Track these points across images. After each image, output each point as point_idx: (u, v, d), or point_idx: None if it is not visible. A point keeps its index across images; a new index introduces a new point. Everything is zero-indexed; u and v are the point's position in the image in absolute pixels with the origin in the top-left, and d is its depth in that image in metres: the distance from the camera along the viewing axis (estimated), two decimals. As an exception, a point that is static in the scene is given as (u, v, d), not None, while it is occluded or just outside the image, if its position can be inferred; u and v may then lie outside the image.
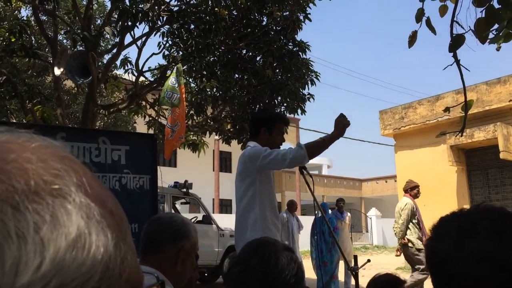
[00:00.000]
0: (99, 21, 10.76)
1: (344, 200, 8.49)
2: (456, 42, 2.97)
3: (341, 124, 2.72)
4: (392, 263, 11.70)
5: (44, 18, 9.63)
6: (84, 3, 9.51)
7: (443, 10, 3.39)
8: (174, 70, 5.37)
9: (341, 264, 7.46)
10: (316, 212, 7.95)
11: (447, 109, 3.49)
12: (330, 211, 8.21)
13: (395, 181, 20.14)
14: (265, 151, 2.66)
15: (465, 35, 2.94)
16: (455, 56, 3.04)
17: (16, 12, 10.43)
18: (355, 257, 3.11)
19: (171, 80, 5.21)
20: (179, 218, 1.64)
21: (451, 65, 3.11)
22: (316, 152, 2.70)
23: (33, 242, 0.27)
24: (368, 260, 2.78)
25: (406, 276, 5.77)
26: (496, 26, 2.88)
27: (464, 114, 3.28)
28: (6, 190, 0.28)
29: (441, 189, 10.59)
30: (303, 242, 9.96)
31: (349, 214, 8.59)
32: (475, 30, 2.87)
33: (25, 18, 9.27)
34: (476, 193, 10.64)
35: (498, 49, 3.28)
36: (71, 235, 0.29)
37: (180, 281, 1.53)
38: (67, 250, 0.28)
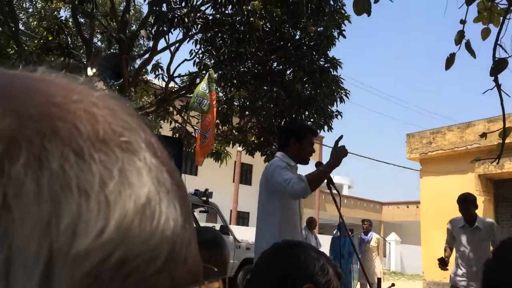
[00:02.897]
0: (134, 26, 10.98)
1: (370, 221, 8.29)
2: (498, 66, 2.89)
3: (339, 154, 2.67)
4: (410, 291, 11.39)
5: (82, 20, 9.88)
6: (122, 8, 9.73)
7: (485, 33, 3.31)
8: (206, 76, 5.38)
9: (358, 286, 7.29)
10: (335, 231, 7.80)
11: (484, 135, 3.39)
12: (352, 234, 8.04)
13: (417, 207, 19.74)
14: (278, 173, 2.62)
15: (509, 59, 2.86)
16: (496, 80, 2.95)
17: (56, 12, 10.75)
18: (379, 280, 3.01)
19: (202, 86, 5.22)
20: (218, 232, 1.69)
21: (491, 89, 3.02)
22: (317, 184, 2.64)
23: (97, 199, 0.22)
24: (393, 284, 2.69)
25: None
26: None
27: (501, 140, 3.17)
28: (69, 131, 0.22)
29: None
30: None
31: (378, 236, 8.33)
32: (518, 55, 2.78)
33: (63, 18, 9.52)
34: (503, 225, 10.28)
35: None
36: (140, 199, 0.23)
37: None
38: (135, 216, 0.22)
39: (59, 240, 0.20)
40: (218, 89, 8.46)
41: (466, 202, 4.53)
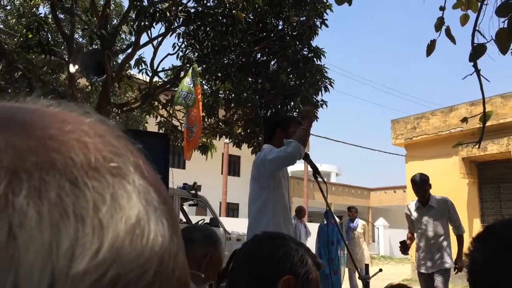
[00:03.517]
0: (115, 21, 10.84)
1: (356, 208, 8.39)
2: (477, 51, 2.93)
3: (306, 112, 2.89)
4: (399, 274, 11.58)
5: (62, 16, 9.72)
6: (102, 2, 9.60)
7: (464, 19, 3.36)
8: (190, 71, 5.36)
9: (346, 271, 7.40)
10: (323, 219, 7.89)
11: (465, 119, 3.44)
12: (340, 221, 8.13)
13: (404, 191, 19.96)
14: (270, 151, 2.73)
15: (487, 45, 2.90)
16: (475, 66, 3.00)
17: (34, 9, 10.56)
18: (366, 266, 3.07)
19: (186, 81, 5.20)
20: (214, 230, 1.73)
21: (471, 74, 3.07)
22: (304, 141, 2.80)
23: (92, 224, 0.24)
24: (380, 270, 2.75)
25: (416, 287, 5.52)
26: (518, 36, 2.83)
27: (482, 125, 3.23)
28: (64, 162, 0.24)
29: (452, 201, 10.45)
30: (311, 249, 9.89)
31: (363, 222, 8.44)
32: (496, 40, 2.83)
33: (42, 15, 9.36)
34: (487, 206, 10.50)
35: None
36: (131, 220, 0.25)
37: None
38: (126, 236, 0.25)
39: (59, 264, 0.22)
40: (203, 82, 8.42)
41: (423, 183, 4.63)
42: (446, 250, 4.53)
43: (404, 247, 4.68)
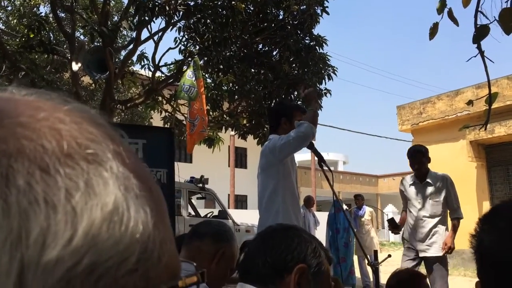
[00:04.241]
0: (116, 17, 10.82)
1: (362, 196, 8.40)
2: (480, 33, 2.89)
3: (310, 95, 2.91)
4: (410, 260, 11.57)
5: (62, 15, 9.72)
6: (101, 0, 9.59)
7: (466, 1, 3.31)
8: (191, 64, 5.35)
9: (355, 259, 7.41)
10: (331, 208, 7.90)
11: (470, 102, 3.41)
12: (348, 209, 8.14)
13: (412, 177, 19.91)
14: (279, 138, 2.73)
15: (490, 26, 2.86)
16: (479, 47, 2.96)
17: (35, 9, 10.56)
18: (375, 252, 3.06)
19: (188, 74, 5.19)
20: (228, 226, 1.72)
21: (475, 56, 3.03)
22: (315, 121, 2.80)
23: (64, 211, 0.23)
24: (389, 255, 2.74)
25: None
26: (522, 16, 2.79)
27: (488, 107, 3.20)
28: (34, 149, 0.24)
29: (460, 185, 10.32)
30: (319, 238, 9.92)
31: (370, 209, 8.45)
32: (499, 20, 2.79)
33: (43, 14, 9.36)
34: (497, 189, 10.43)
35: (524, 39, 3.19)
36: (107, 206, 0.25)
37: (210, 281, 1.53)
38: (103, 223, 0.24)
39: (29, 252, 0.22)
40: (206, 75, 8.41)
41: (418, 154, 4.12)
42: (442, 234, 4.02)
43: (394, 226, 4.21)
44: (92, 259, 0.23)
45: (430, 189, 4.06)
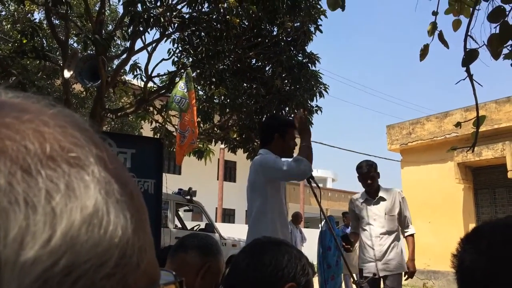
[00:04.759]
0: (110, 26, 10.84)
1: None
2: (470, 56, 2.94)
3: (302, 123, 2.86)
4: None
5: (57, 22, 9.71)
6: (97, 8, 9.60)
7: (456, 25, 3.37)
8: (184, 76, 5.36)
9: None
10: (321, 225, 7.89)
11: (458, 124, 3.44)
12: (337, 227, 8.10)
13: (400, 197, 19.99)
14: (274, 162, 2.70)
15: (479, 50, 2.91)
16: (468, 70, 3.01)
17: (29, 15, 10.55)
18: (361, 271, 3.05)
19: (180, 85, 5.20)
20: (215, 240, 1.68)
21: (464, 79, 3.07)
22: (311, 157, 2.77)
23: (44, 212, 0.23)
24: (374, 274, 2.73)
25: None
26: (510, 42, 2.85)
27: (475, 129, 3.23)
28: (17, 150, 0.24)
29: (447, 206, 10.48)
30: (306, 255, 9.88)
31: None
32: (488, 45, 2.84)
33: (37, 21, 9.35)
34: (483, 211, 10.51)
35: (513, 65, 3.24)
36: (87, 209, 0.25)
37: None
38: (82, 225, 0.24)
39: (6, 250, 0.22)
40: (198, 87, 8.43)
41: (371, 168, 3.92)
42: (400, 251, 3.88)
43: (347, 242, 3.72)
44: (70, 260, 0.23)
45: (384, 204, 3.90)
